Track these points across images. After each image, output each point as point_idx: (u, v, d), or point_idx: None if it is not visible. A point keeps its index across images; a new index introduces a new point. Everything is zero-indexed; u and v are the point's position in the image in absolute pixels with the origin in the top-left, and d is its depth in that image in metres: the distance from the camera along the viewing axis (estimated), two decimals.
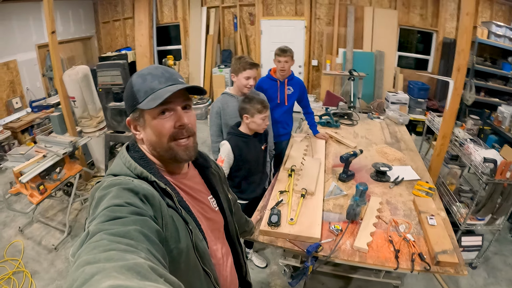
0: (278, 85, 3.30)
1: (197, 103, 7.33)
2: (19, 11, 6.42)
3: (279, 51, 3.14)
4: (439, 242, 1.92)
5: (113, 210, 0.78)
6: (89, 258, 0.60)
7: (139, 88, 1.00)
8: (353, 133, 3.77)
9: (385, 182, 2.69)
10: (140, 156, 1.04)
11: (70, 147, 3.73)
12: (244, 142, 2.48)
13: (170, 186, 1.02)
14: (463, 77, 2.95)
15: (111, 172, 1.00)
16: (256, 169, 2.65)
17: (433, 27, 6.63)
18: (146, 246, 0.71)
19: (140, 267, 0.57)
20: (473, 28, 2.99)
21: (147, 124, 1.02)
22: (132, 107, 1.02)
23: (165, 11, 8.28)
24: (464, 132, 3.70)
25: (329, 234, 2.09)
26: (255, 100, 2.43)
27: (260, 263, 3.21)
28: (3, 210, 4.14)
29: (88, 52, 8.74)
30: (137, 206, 0.83)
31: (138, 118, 1.03)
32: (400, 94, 6.27)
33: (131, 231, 0.72)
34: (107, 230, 0.71)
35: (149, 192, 0.90)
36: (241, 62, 2.72)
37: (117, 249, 0.64)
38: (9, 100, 6.31)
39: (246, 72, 2.72)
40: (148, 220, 0.81)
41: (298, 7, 7.27)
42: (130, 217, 0.78)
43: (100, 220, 0.75)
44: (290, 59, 3.17)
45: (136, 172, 0.97)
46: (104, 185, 0.90)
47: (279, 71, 3.24)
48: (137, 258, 0.62)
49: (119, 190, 0.86)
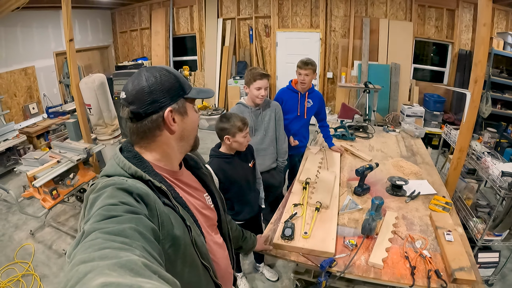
0: (299, 97, 3.28)
1: (211, 113, 7.34)
2: (39, 19, 6.58)
3: (301, 63, 3.12)
4: (456, 259, 1.86)
5: (108, 209, 0.78)
6: (84, 257, 0.59)
7: (184, 81, 1.06)
8: (368, 146, 3.72)
9: (401, 196, 2.64)
10: (133, 155, 1.03)
11: (85, 154, 3.76)
12: (227, 163, 2.36)
13: (165, 183, 1.02)
14: (480, 88, 2.89)
15: (105, 173, 1.00)
16: (248, 188, 2.53)
17: (449, 38, 6.58)
18: (141, 244, 0.71)
19: (134, 264, 0.57)
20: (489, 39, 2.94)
21: (190, 113, 1.08)
22: (176, 96, 1.04)
23: (182, 22, 8.38)
24: (481, 145, 3.62)
25: (344, 249, 2.04)
26: (233, 117, 2.28)
27: (272, 276, 3.16)
28: (16, 212, 4.20)
29: (105, 60, 8.89)
30: (131, 205, 0.82)
31: (181, 109, 1.06)
32: (415, 107, 6.20)
33: (126, 229, 0.72)
34: (102, 229, 0.70)
35: (143, 191, 0.90)
36: (252, 74, 2.73)
37: (111, 247, 0.64)
38: (26, 105, 6.44)
39: (257, 83, 2.73)
40: (143, 218, 0.81)
41: (314, 19, 7.30)
42: (125, 215, 0.77)
43: (95, 220, 0.75)
44: (312, 73, 3.14)
45: (130, 171, 0.97)
46: (98, 186, 0.89)
47: (299, 84, 3.23)
48: (131, 255, 0.62)
49: (113, 190, 0.86)
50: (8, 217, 4.20)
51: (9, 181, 5.15)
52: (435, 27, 6.63)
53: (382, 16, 6.83)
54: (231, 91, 7.82)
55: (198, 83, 8.33)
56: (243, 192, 2.48)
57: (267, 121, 2.98)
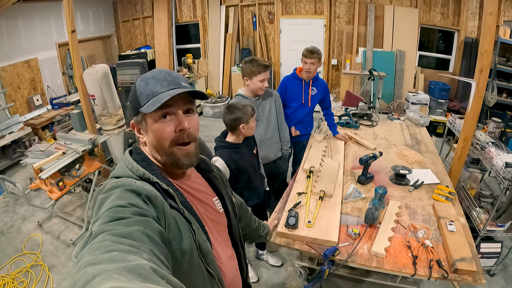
0: (303, 85, 3.27)
1: (215, 101, 7.34)
2: (40, 11, 6.56)
3: (307, 52, 3.10)
4: (458, 249, 1.87)
5: (116, 211, 0.79)
6: (92, 259, 0.60)
7: (142, 92, 1.00)
8: (372, 134, 3.71)
9: (405, 185, 2.64)
10: (142, 158, 1.04)
11: (90, 145, 3.78)
12: (236, 152, 2.37)
13: (172, 187, 1.02)
14: (486, 78, 2.86)
15: (113, 174, 1.01)
16: (255, 175, 2.56)
17: (455, 26, 6.47)
18: (148, 247, 0.71)
19: (142, 269, 0.57)
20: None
21: (149, 127, 1.02)
22: (135, 110, 1.03)
23: (184, 10, 8.32)
24: (485, 135, 3.60)
25: (347, 237, 2.06)
26: (243, 105, 2.32)
27: (276, 262, 3.19)
28: (23, 204, 4.24)
29: (108, 50, 8.87)
30: (140, 207, 0.83)
31: (141, 122, 1.03)
32: (420, 95, 6.17)
33: (134, 231, 0.73)
34: (110, 231, 0.71)
35: (151, 193, 0.91)
36: (254, 66, 2.69)
37: (119, 250, 0.64)
38: (30, 97, 6.46)
39: (261, 75, 2.71)
40: (151, 221, 0.81)
41: (318, 5, 7.21)
42: (133, 217, 0.78)
43: (103, 221, 0.76)
44: (317, 61, 3.13)
45: (138, 173, 0.98)
46: (107, 187, 0.90)
47: (304, 72, 3.22)
48: (139, 259, 0.62)
49: (121, 191, 0.86)
50: (15, 209, 4.25)
51: (16, 174, 5.20)
52: (441, 13, 6.52)
53: (387, 2, 6.73)
54: (235, 79, 7.78)
55: (201, 71, 8.30)
56: (251, 179, 2.51)
57: (267, 110, 2.98)
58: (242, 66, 2.79)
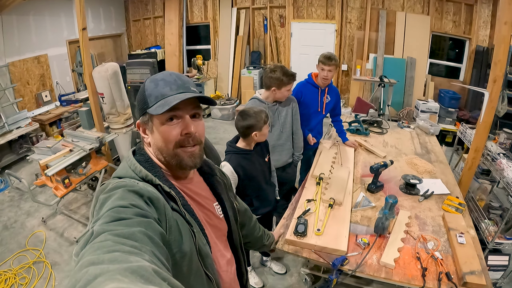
0: (319, 92, 3.23)
1: (224, 103, 7.33)
2: (51, 7, 6.59)
3: (324, 58, 3.00)
4: (467, 262, 1.83)
5: (117, 211, 0.79)
6: (93, 259, 0.60)
7: (151, 93, 1.01)
8: (382, 142, 3.67)
9: (415, 195, 2.60)
10: (146, 159, 1.05)
11: (97, 143, 3.78)
12: (246, 159, 2.33)
13: (174, 189, 1.02)
14: (499, 88, 2.81)
15: (116, 175, 1.01)
16: (265, 183, 2.52)
17: (466, 34, 6.43)
18: (150, 248, 0.71)
19: (144, 270, 0.57)
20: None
21: (155, 129, 1.03)
22: (142, 110, 1.04)
23: (195, 11, 8.33)
24: (496, 146, 3.55)
25: (356, 247, 2.03)
26: (256, 112, 2.27)
27: (279, 269, 3.16)
28: (28, 200, 4.25)
29: (118, 49, 8.90)
30: (141, 208, 0.83)
31: (147, 122, 1.05)
32: (430, 103, 6.12)
33: (136, 232, 0.73)
34: (112, 231, 0.71)
35: (153, 195, 0.91)
36: (283, 76, 2.66)
37: (121, 251, 0.64)
38: (39, 93, 6.47)
39: (290, 85, 2.71)
40: (152, 222, 0.82)
41: (329, 10, 7.20)
42: (134, 218, 0.78)
43: (105, 221, 0.76)
44: (334, 69, 3.05)
45: (141, 175, 0.98)
46: (109, 187, 0.90)
47: (321, 79, 3.14)
48: (141, 260, 0.62)
49: (124, 192, 0.87)
50: (20, 204, 4.26)
51: (21, 169, 5.22)
52: (453, 21, 6.48)
53: (399, 8, 6.70)
54: (244, 81, 7.77)
55: (211, 72, 8.32)
56: (261, 187, 2.47)
57: (283, 116, 2.94)
58: (269, 75, 2.72)
